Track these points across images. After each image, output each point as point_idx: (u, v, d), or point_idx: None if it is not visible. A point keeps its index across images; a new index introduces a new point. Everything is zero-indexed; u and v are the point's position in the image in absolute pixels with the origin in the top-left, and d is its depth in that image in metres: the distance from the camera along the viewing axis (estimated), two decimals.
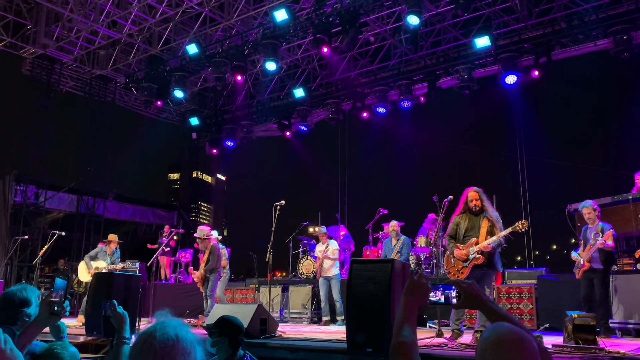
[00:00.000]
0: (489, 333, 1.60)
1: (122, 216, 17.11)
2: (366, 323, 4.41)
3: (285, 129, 14.61)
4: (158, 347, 1.58)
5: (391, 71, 13.50)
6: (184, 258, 13.56)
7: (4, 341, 1.61)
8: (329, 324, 9.23)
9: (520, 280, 9.03)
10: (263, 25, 12.21)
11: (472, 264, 5.88)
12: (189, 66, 13.21)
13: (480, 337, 1.63)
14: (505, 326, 1.62)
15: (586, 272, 6.81)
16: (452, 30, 12.61)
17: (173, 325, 1.65)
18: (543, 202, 12.59)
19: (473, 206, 6.09)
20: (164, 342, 1.58)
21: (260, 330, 6.12)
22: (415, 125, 14.58)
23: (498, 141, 14.98)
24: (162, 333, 1.61)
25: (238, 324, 4.06)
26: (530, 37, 11.47)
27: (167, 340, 1.59)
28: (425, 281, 2.04)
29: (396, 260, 4.76)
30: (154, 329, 1.64)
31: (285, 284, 10.96)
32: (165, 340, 1.59)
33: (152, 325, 1.68)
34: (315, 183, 18.08)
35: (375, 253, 11.28)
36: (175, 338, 1.60)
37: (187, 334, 1.65)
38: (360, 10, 10.62)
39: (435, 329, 6.50)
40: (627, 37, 10.15)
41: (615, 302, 6.78)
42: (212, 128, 16.18)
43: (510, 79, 11.36)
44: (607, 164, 12.48)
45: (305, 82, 14.70)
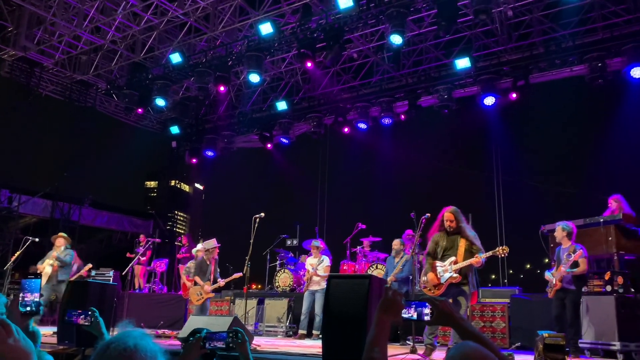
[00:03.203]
0: (454, 351, 1.67)
1: (97, 223, 16.88)
2: (343, 338, 4.45)
3: (266, 140, 14.65)
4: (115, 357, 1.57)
5: (373, 88, 13.68)
6: (159, 268, 13.42)
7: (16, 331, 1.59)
8: (304, 338, 9.21)
9: (493, 299, 9.15)
10: (248, 37, 12.29)
11: (448, 281, 5.97)
12: (171, 75, 13.20)
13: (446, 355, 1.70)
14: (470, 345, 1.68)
15: (558, 291, 6.96)
16: (433, 51, 12.85)
17: (134, 336, 1.64)
18: (518, 221, 12.79)
19: (448, 227, 6.21)
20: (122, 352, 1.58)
21: None
22: (395, 142, 14.74)
23: (475, 161, 15.21)
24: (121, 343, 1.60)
25: None
26: (509, 60, 11.76)
27: (125, 351, 1.58)
28: (399, 298, 2.08)
29: (373, 276, 4.81)
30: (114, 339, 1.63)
31: (261, 297, 10.91)
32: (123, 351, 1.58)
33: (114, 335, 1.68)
34: (294, 196, 18.07)
35: (353, 268, 11.32)
36: (134, 348, 1.59)
37: (148, 344, 1.64)
38: (345, 28, 10.78)
39: (410, 345, 6.56)
40: (601, 64, 10.49)
41: (585, 323, 6.92)
42: (192, 137, 16.13)
43: (488, 101, 11.60)
44: (580, 187, 12.77)
45: (288, 95, 14.80)
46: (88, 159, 15.75)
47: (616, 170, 12.14)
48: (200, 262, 8.93)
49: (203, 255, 8.95)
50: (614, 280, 6.74)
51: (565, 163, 14.62)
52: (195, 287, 8.80)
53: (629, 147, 11.75)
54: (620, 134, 11.82)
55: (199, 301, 8.70)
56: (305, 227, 13.73)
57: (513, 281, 12.92)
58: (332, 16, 10.83)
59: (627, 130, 11.50)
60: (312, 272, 9.46)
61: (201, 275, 8.77)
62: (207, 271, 8.76)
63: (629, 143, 11.63)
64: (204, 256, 8.91)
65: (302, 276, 10.93)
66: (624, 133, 11.69)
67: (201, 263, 8.90)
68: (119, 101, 15.02)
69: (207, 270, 8.76)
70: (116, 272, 11.38)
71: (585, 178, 13.34)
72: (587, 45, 10.91)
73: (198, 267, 8.89)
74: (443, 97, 12.04)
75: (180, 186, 20.13)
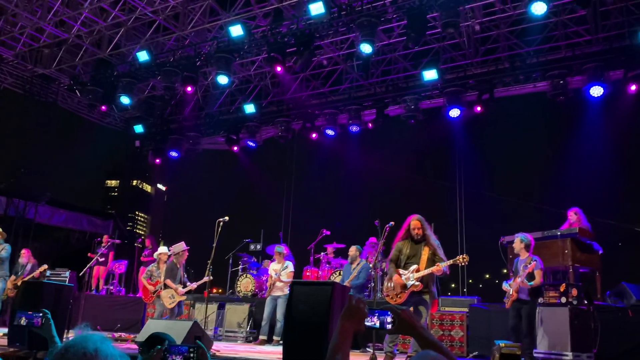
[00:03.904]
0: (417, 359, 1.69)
1: (54, 222, 16.35)
2: (303, 344, 4.42)
3: (232, 143, 14.51)
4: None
5: (342, 95, 13.75)
6: (118, 269, 13.10)
7: None
8: (265, 344, 9.14)
9: (453, 308, 9.28)
10: (217, 38, 12.17)
11: (410, 290, 6.02)
12: (137, 73, 12.94)
13: None
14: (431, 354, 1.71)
15: (514, 302, 7.12)
16: (402, 61, 13.01)
17: (94, 340, 1.61)
18: (479, 232, 13.06)
19: (415, 234, 6.27)
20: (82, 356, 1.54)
21: None
22: (362, 150, 14.85)
23: (439, 171, 15.47)
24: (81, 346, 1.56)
25: (167, 340, 3.98)
26: (475, 74, 12.02)
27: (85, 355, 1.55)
28: (363, 306, 2.08)
29: (336, 283, 4.82)
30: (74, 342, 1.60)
31: (222, 301, 10.78)
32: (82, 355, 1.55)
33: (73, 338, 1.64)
34: (259, 200, 17.97)
35: (316, 274, 11.31)
36: (94, 352, 1.56)
37: (108, 348, 1.61)
38: (316, 34, 10.80)
39: (370, 353, 6.58)
40: (563, 81, 10.81)
41: (540, 333, 7.08)
42: (156, 137, 15.84)
43: (454, 113, 11.80)
44: (540, 200, 13.13)
45: (256, 99, 14.70)
46: (47, 155, 15.27)
47: (574, 185, 12.55)
48: (170, 265, 8.91)
49: (173, 259, 8.94)
50: (569, 292, 6.92)
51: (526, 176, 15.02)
52: (168, 291, 8.74)
53: (585, 163, 12.16)
54: (578, 150, 12.23)
55: (171, 304, 8.68)
56: (270, 232, 13.67)
57: (472, 291, 13.16)
58: (304, 22, 10.84)
59: (585, 146, 11.91)
60: (275, 278, 9.42)
61: (172, 278, 8.77)
62: (177, 275, 8.79)
63: (586, 159, 12.04)
64: (174, 260, 8.90)
65: (264, 281, 10.85)
66: (581, 149, 12.10)
67: (172, 267, 8.89)
68: (82, 97, 14.62)
69: (177, 274, 8.79)
70: (73, 273, 11.05)
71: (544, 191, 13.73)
72: (550, 63, 11.24)
73: (169, 271, 8.86)
74: (410, 108, 12.19)
75: (142, 186, 19.78)
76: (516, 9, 10.85)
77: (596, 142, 11.71)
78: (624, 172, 12.93)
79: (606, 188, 12.19)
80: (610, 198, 12.27)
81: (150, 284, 9.17)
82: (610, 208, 11.72)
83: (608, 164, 12.29)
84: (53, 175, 15.43)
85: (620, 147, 12.36)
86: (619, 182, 12.96)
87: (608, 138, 11.84)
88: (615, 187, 12.80)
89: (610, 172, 12.41)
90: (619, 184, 13.02)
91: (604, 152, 12.14)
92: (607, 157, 12.23)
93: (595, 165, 12.01)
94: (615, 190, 12.79)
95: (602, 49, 10.75)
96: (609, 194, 12.36)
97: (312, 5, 9.99)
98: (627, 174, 12.97)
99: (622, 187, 13.19)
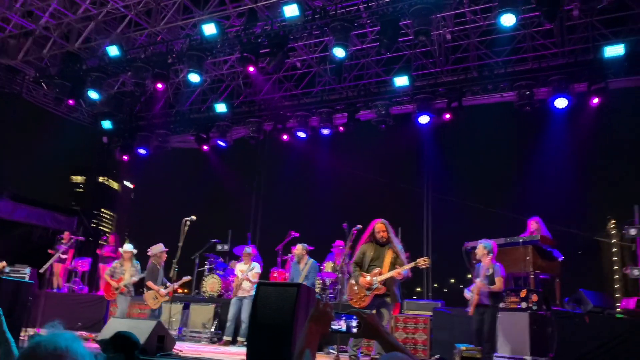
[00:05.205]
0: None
1: (16, 217, 15.88)
2: (267, 346, 4.43)
3: (202, 142, 14.39)
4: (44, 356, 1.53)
5: (314, 98, 13.79)
6: (81, 267, 12.83)
7: None
8: (229, 345, 9.10)
9: (417, 311, 9.42)
10: (190, 36, 12.06)
11: (374, 293, 6.09)
12: (107, 68, 12.71)
13: None
14: (398, 356, 1.75)
15: (478, 307, 7.28)
16: (374, 67, 13.15)
17: (65, 337, 1.60)
18: (444, 237, 13.27)
19: (380, 237, 6.35)
20: (53, 353, 1.54)
21: (157, 347, 5.94)
22: (332, 153, 14.93)
23: (408, 176, 15.67)
24: (52, 343, 1.56)
25: (134, 340, 3.94)
26: (444, 82, 12.21)
27: (55, 350, 1.54)
28: (330, 310, 2.13)
29: (303, 285, 4.84)
30: (45, 339, 1.58)
31: (187, 302, 10.68)
32: (54, 351, 1.54)
33: (44, 334, 1.63)
34: (228, 200, 17.86)
35: (283, 275, 11.30)
36: (65, 350, 1.55)
37: (79, 347, 1.60)
38: (290, 36, 10.82)
39: (334, 355, 6.62)
40: (529, 92, 11.07)
41: (501, 337, 7.24)
42: (125, 134, 15.57)
43: (423, 119, 11.97)
44: (504, 208, 13.42)
45: (228, 98, 14.62)
46: (10, 149, 14.87)
47: (536, 193, 12.88)
48: (151, 267, 9.02)
49: (152, 261, 9.03)
50: (529, 298, 7.11)
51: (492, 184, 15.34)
52: (151, 292, 8.86)
53: (548, 173, 12.51)
54: (542, 159, 12.56)
55: (155, 305, 8.83)
56: (238, 232, 13.61)
57: (437, 295, 13.36)
58: (278, 23, 10.85)
59: (548, 156, 12.25)
60: (242, 278, 9.39)
61: (153, 280, 8.89)
62: (158, 276, 8.91)
63: (549, 168, 12.38)
64: (153, 261, 9.00)
65: (231, 282, 10.80)
66: (545, 159, 12.44)
67: (152, 268, 9.00)
68: (49, 90, 14.29)
69: (158, 275, 8.92)
70: (33, 270, 10.77)
71: (508, 199, 14.06)
72: (517, 74, 11.50)
73: (149, 273, 8.98)
74: (381, 113, 12.30)
75: (109, 183, 19.39)
76: (486, 20, 11.11)
77: (559, 153, 12.06)
78: (584, 183, 13.35)
79: (567, 197, 12.57)
80: (571, 207, 12.65)
81: (113, 281, 9.05)
82: (571, 217, 12.08)
83: (570, 174, 12.66)
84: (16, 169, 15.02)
85: (582, 157, 12.75)
86: (579, 192, 13.38)
87: (570, 149, 12.21)
88: (576, 196, 13.21)
89: (572, 182, 12.79)
90: (580, 194, 13.44)
91: (566, 162, 12.50)
92: (569, 167, 12.60)
93: (558, 174, 12.37)
94: (575, 199, 13.19)
95: (568, 62, 11.07)
96: (570, 203, 12.74)
97: (286, 7, 10.01)
98: (587, 184, 13.40)
99: (582, 196, 13.62)
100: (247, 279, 9.36)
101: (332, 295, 10.74)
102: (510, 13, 8.90)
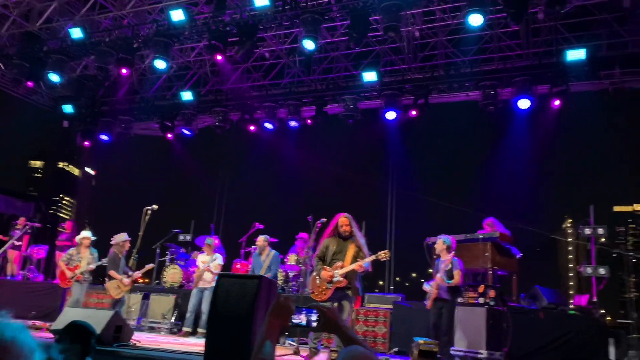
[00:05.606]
0: (345, 354, 1.75)
1: None
2: (226, 337, 4.40)
3: (167, 130, 14.13)
4: None
5: (282, 89, 13.70)
6: (36, 254, 12.46)
7: None
8: (189, 336, 9.01)
9: (378, 305, 9.52)
10: (157, 21, 11.79)
11: (335, 286, 6.12)
12: (69, 50, 12.31)
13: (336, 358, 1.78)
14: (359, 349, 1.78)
15: (436, 301, 7.41)
16: (343, 61, 13.14)
17: (12, 328, 1.53)
18: (407, 232, 13.46)
19: (343, 231, 6.38)
20: None
21: (114, 337, 5.82)
22: (300, 145, 14.91)
23: (373, 171, 15.82)
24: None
25: (89, 329, 3.86)
26: (412, 79, 12.31)
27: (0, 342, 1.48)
28: (291, 304, 2.13)
29: (264, 277, 4.82)
30: None
31: (147, 292, 10.52)
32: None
33: None
34: (192, 190, 17.66)
35: (246, 267, 11.24)
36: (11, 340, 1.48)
37: (27, 338, 1.53)
38: (259, 25, 10.70)
39: (294, 347, 6.64)
40: (494, 92, 11.28)
41: (458, 332, 7.40)
42: (87, 118, 15.15)
43: (390, 115, 12.05)
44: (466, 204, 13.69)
45: (194, 86, 14.37)
46: None
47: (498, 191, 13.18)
48: (112, 256, 8.83)
49: (114, 250, 8.86)
50: (487, 294, 7.27)
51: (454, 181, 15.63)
52: (113, 282, 8.65)
53: (510, 172, 12.80)
54: (504, 158, 12.84)
55: (118, 295, 8.62)
56: (201, 223, 13.47)
57: (399, 288, 13.56)
58: (247, 12, 10.71)
59: (510, 156, 12.52)
60: (204, 269, 9.31)
61: (115, 269, 8.71)
62: (120, 265, 8.74)
63: (510, 168, 12.67)
64: (115, 250, 8.83)
65: (192, 273, 10.68)
66: (507, 158, 12.71)
67: (114, 257, 8.82)
68: (7, 71, 13.76)
69: (120, 264, 8.74)
70: None
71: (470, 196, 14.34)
72: (482, 73, 11.69)
73: (111, 262, 8.79)
74: (349, 107, 12.33)
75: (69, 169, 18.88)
76: (454, 19, 11.23)
77: (520, 152, 12.34)
78: (543, 183, 13.77)
79: (527, 196, 12.92)
80: (530, 206, 13.02)
81: (69, 269, 8.83)
82: (530, 215, 12.43)
83: (529, 174, 12.99)
84: None
85: (542, 158, 13.12)
86: (538, 191, 13.79)
87: (531, 149, 12.52)
88: (535, 195, 13.63)
89: (531, 181, 13.16)
90: (539, 193, 13.85)
91: (527, 162, 12.82)
92: (529, 167, 12.93)
93: (518, 174, 12.67)
94: (534, 198, 13.61)
95: (532, 63, 11.30)
96: (529, 202, 13.12)
97: None
98: (546, 184, 13.80)
99: (541, 196, 14.04)
100: (208, 269, 9.28)
101: (294, 287, 10.76)
102: (478, 13, 9.02)
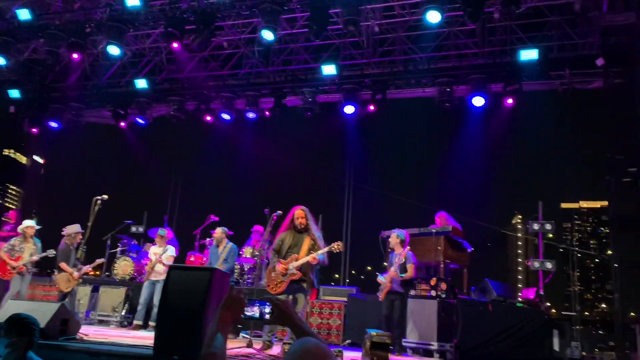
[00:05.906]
0: (297, 346, 1.74)
1: None
2: (177, 331, 4.32)
3: (120, 118, 13.73)
4: None
5: (240, 80, 13.50)
6: None
7: None
8: (140, 329, 8.82)
9: (333, 297, 9.58)
10: (111, 6, 11.40)
11: (290, 278, 6.11)
12: (16, 32, 11.77)
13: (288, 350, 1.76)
14: (312, 341, 1.77)
15: (389, 293, 7.52)
16: (303, 53, 13.07)
17: None
18: (363, 225, 13.59)
19: (298, 224, 6.37)
20: None
21: (60, 331, 5.63)
22: (257, 137, 14.79)
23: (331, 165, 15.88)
24: None
25: (33, 322, 3.72)
26: (371, 74, 12.37)
27: None
28: (243, 296, 2.11)
29: (217, 270, 4.75)
30: None
31: (96, 284, 10.25)
32: None
33: None
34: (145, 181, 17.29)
35: (200, 260, 11.09)
36: None
37: None
38: (217, 14, 10.52)
39: (247, 339, 6.59)
40: (449, 89, 11.48)
41: (410, 324, 7.53)
42: (35, 104, 14.53)
43: (348, 109, 12.10)
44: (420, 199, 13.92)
45: (149, 74, 13.97)
46: None
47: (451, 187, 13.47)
48: (64, 248, 8.59)
49: (65, 241, 8.63)
50: (439, 286, 7.42)
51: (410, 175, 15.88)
52: (63, 274, 8.43)
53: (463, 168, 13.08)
54: (458, 154, 13.11)
55: (67, 288, 8.43)
56: (154, 214, 13.20)
57: (354, 281, 13.68)
58: (205, 0, 10.51)
59: (464, 152, 12.80)
60: (155, 261, 9.15)
61: (66, 261, 8.48)
62: (71, 257, 8.52)
63: (464, 164, 12.95)
64: (67, 241, 8.61)
65: (144, 265, 10.46)
66: (460, 154, 12.99)
67: (65, 249, 8.58)
68: None
69: (71, 256, 8.53)
70: None
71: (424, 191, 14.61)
72: (439, 70, 11.87)
73: (62, 254, 8.55)
74: (307, 100, 12.30)
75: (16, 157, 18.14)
76: (413, 15, 11.33)
77: (473, 149, 12.63)
78: (495, 179, 14.18)
79: (479, 191, 13.29)
80: (481, 201, 13.41)
81: (11, 260, 8.48)
82: (481, 210, 12.81)
83: (482, 170, 13.35)
84: None
85: (494, 155, 13.49)
86: (490, 187, 14.19)
87: (484, 146, 12.84)
88: (487, 191, 14.02)
89: (484, 177, 13.55)
90: (490, 189, 14.26)
91: (480, 158, 13.14)
92: (482, 163, 13.28)
93: (471, 169, 12.99)
94: (486, 194, 13.99)
95: (487, 62, 11.54)
96: (481, 197, 13.52)
97: None
98: (497, 180, 14.21)
99: (492, 191, 14.46)
100: (160, 262, 9.11)
101: (249, 280, 10.69)
102: (436, 10, 9.15)
